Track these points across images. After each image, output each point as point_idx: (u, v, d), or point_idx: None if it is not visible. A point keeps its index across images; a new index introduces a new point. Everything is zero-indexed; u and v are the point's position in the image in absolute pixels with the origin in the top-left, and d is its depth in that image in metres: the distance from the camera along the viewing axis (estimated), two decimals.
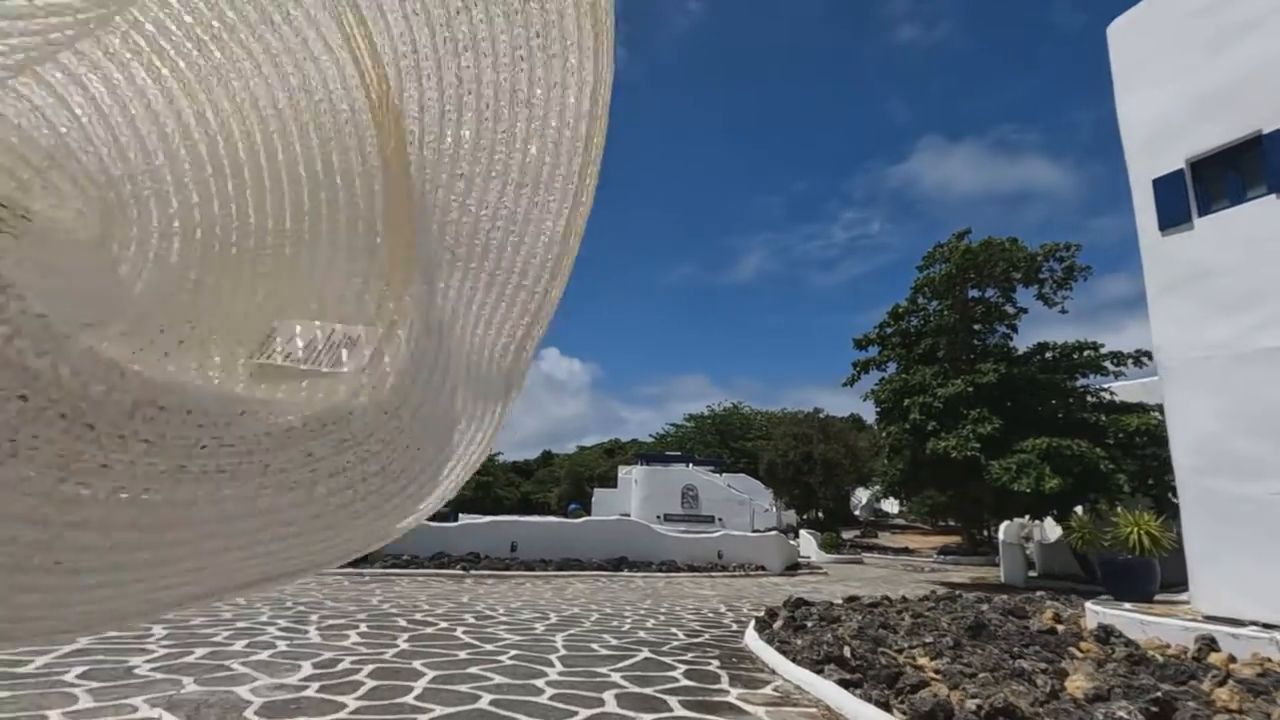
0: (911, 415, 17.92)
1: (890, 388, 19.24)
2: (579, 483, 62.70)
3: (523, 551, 16.15)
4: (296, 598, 8.74)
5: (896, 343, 20.49)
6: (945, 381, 18.29)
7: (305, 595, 9.03)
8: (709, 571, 17.84)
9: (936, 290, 19.16)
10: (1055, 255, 18.23)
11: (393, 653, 5.58)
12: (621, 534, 17.91)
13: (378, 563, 12.73)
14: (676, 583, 15.09)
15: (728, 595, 12.82)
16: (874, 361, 20.99)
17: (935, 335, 19.42)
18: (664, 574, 16.52)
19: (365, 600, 8.84)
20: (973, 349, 19.34)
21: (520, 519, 17.83)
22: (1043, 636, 7.03)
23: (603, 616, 8.63)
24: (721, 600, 11.76)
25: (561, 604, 9.77)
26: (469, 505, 61.51)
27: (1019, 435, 17.19)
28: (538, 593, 11.13)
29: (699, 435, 60.20)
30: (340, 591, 9.65)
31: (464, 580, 12.57)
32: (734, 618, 9.38)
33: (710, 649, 6.67)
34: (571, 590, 11.89)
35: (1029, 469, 15.68)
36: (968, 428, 17.13)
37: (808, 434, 36.94)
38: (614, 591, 12.15)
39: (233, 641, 5.73)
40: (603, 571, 15.66)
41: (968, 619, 7.45)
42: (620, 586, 13.32)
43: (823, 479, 35.91)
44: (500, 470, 77.77)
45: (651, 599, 11.28)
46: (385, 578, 11.76)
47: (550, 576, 14.26)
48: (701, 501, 42.16)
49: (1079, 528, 11.02)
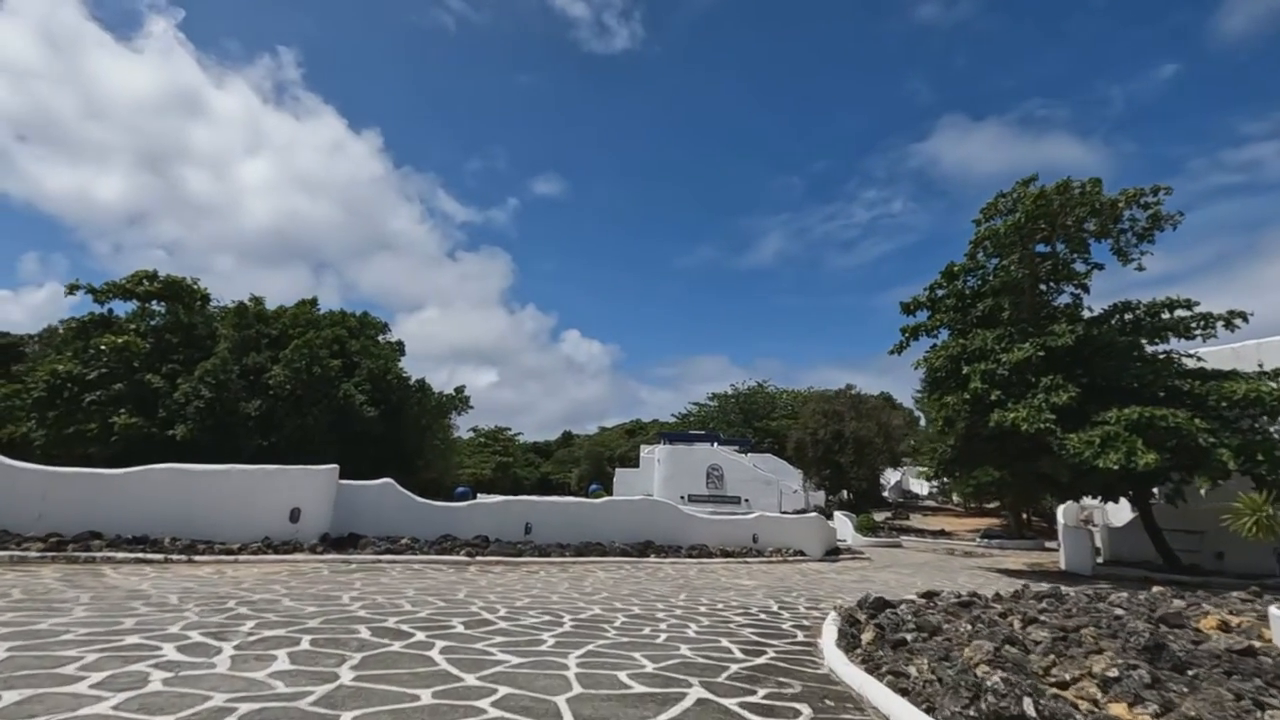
0: (972, 384, 15.71)
1: (946, 354, 17.02)
2: (599, 463, 61.07)
3: (538, 534, 14.34)
4: (250, 593, 6.94)
5: (951, 305, 18.22)
6: (1010, 346, 16.05)
7: (264, 590, 7.24)
8: (743, 557, 15.92)
9: (1000, 244, 16.82)
10: (1139, 201, 15.80)
11: (320, 694, 3.70)
12: (647, 515, 16.02)
13: (369, 548, 10.95)
14: (710, 570, 13.17)
15: (773, 587, 10.87)
16: (924, 327, 18.74)
17: (998, 295, 17.12)
18: (695, 560, 14.61)
19: (333, 598, 6.99)
20: (1041, 310, 17.03)
21: (536, 499, 15.99)
22: (1243, 660, 4.99)
23: (630, 621, 6.71)
24: (768, 593, 9.82)
25: (579, 601, 7.88)
26: (488, 486, 60.24)
27: (1097, 405, 14.96)
28: (551, 585, 9.26)
29: (722, 414, 58.08)
30: (312, 584, 7.84)
31: (468, 568, 10.75)
32: (793, 620, 7.42)
33: (784, 677, 4.71)
34: (591, 581, 10.02)
35: (1116, 442, 13.44)
36: (1039, 397, 14.92)
37: (839, 411, 34.71)
38: (641, 582, 10.26)
39: (89, 672, 3.89)
40: (626, 557, 13.79)
41: (1132, 633, 5.40)
42: (647, 575, 11.43)
43: (854, 458, 33.72)
44: (520, 450, 76.47)
45: (686, 592, 9.36)
46: (374, 566, 9.96)
47: (567, 563, 12.42)
48: (727, 481, 40.14)
49: (1251, 509, 8.66)
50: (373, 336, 26.38)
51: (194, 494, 10.32)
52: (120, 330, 22.29)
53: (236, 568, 8.94)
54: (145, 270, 25.13)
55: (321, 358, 21.34)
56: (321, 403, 21.36)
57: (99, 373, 21.27)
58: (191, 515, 10.17)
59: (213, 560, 9.19)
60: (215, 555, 9.35)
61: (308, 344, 21.65)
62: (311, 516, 10.98)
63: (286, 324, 23.81)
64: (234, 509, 10.41)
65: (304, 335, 22.29)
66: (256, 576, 8.26)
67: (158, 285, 24.75)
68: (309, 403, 21.15)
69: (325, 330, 23.30)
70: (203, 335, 23.46)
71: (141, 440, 19.28)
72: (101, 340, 21.50)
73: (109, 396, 20.89)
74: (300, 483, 11.04)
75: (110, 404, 20.79)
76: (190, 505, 10.22)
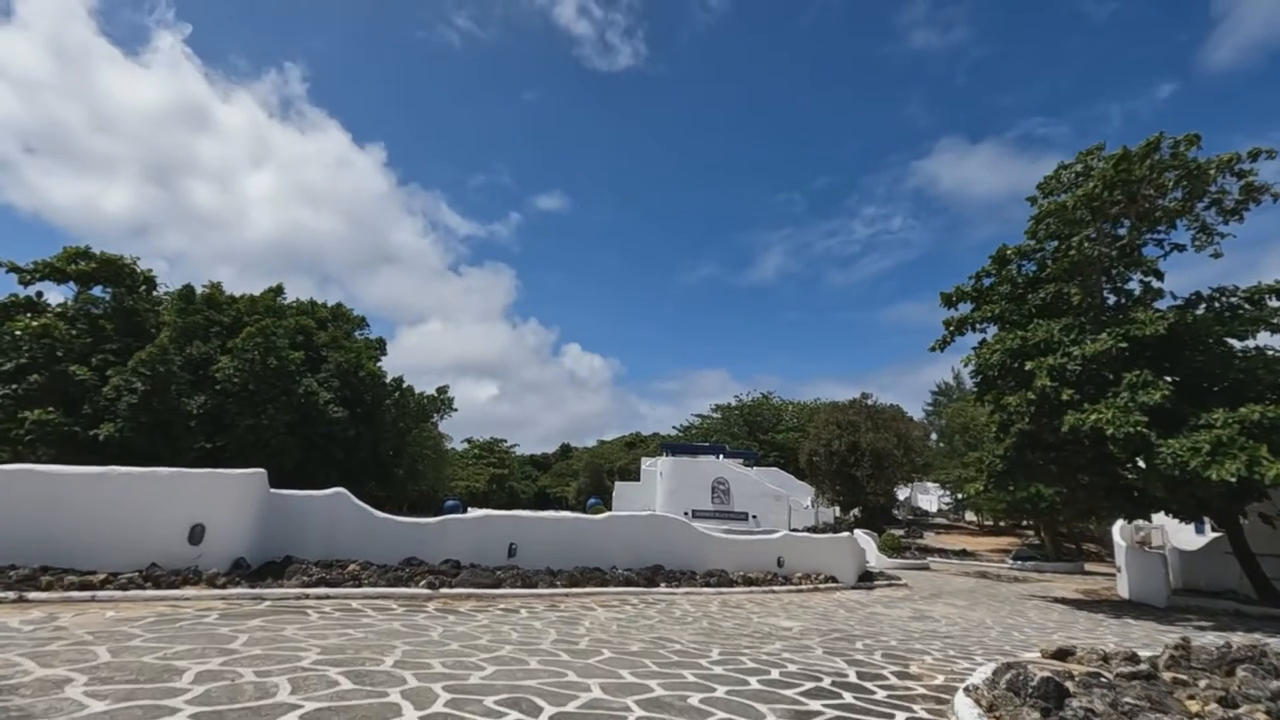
0: (1039, 381, 13.09)
1: (1002, 348, 14.42)
2: (598, 476, 58.10)
3: (524, 557, 11.63)
4: (36, 667, 4.28)
5: (1004, 294, 15.66)
6: (1081, 338, 13.48)
7: (68, 659, 4.58)
8: (768, 585, 13.20)
9: (1067, 221, 14.29)
10: (1232, 167, 13.31)
11: None
12: (655, 534, 13.31)
13: (297, 577, 8.21)
14: (735, 605, 10.47)
15: (823, 631, 8.18)
16: (969, 320, 16.18)
17: (1063, 279, 14.57)
18: (714, 589, 11.90)
19: (172, 672, 4.30)
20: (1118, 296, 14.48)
21: (522, 514, 13.26)
22: None
23: (649, 716, 4.05)
24: (824, 643, 7.14)
25: (569, 669, 5.18)
26: (482, 500, 57.23)
27: (1192, 405, 12.38)
28: (532, 636, 6.57)
29: (726, 427, 55.15)
30: (169, 642, 5.15)
31: (425, 606, 8.04)
32: (888, 694, 4.77)
33: None
34: (587, 625, 7.33)
35: (1232, 449, 10.82)
36: (1123, 396, 12.32)
37: (854, 421, 31.96)
38: (654, 628, 7.57)
39: None
40: (631, 587, 11.07)
41: None
42: (660, 615, 8.73)
43: (871, 471, 30.92)
44: (517, 463, 73.33)
45: (717, 644, 6.68)
46: (293, 606, 7.25)
47: (558, 596, 9.71)
48: (734, 496, 37.13)
49: None
50: (347, 330, 23.41)
51: (59, 505, 7.62)
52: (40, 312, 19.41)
53: (85, 610, 6.23)
54: (76, 247, 21.31)
55: (280, 348, 18.38)
56: (279, 400, 18.47)
57: (16, 363, 18.45)
58: (52, 533, 7.46)
59: (57, 599, 6.48)
60: (64, 591, 6.63)
61: (263, 332, 18.36)
62: (221, 536, 8.27)
63: (242, 310, 20.41)
64: (112, 525, 7.70)
65: (260, 323, 18.69)
66: (96, 627, 5.56)
67: (92, 265, 21.09)
68: (264, 399, 18.24)
69: (288, 319, 20.43)
70: (145, 323, 20.03)
71: (60, 440, 16.38)
72: (15, 325, 18.63)
73: (26, 390, 18.04)
74: (207, 491, 8.34)
75: (27, 399, 17.87)
76: (52, 520, 7.51)
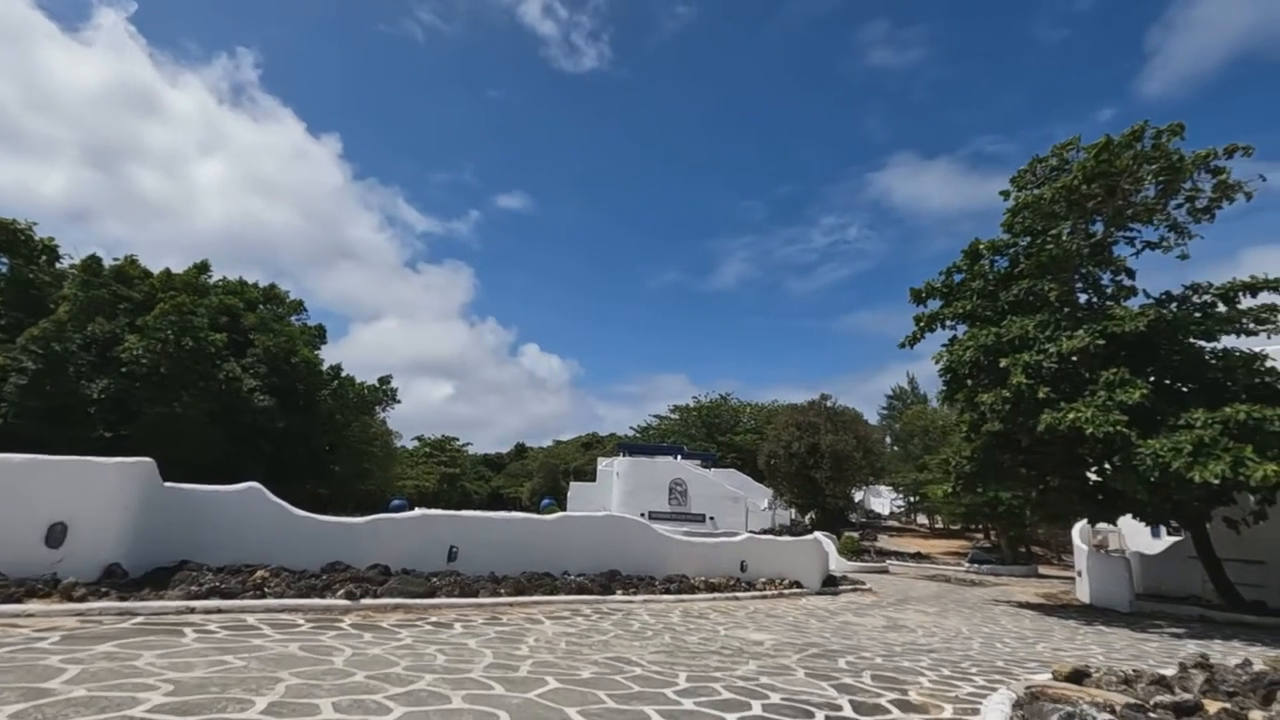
0: (1014, 379, 12.48)
1: (975, 344, 13.81)
2: (554, 477, 56.53)
3: (467, 562, 10.40)
4: None
5: (976, 290, 15.10)
6: (1057, 334, 12.95)
7: None
8: (732, 591, 12.25)
9: (1043, 214, 13.78)
10: (1207, 164, 12.97)
11: None
12: (612, 537, 12.21)
13: (183, 587, 6.82)
14: (698, 615, 9.44)
15: (798, 645, 7.21)
16: (940, 316, 15.58)
17: (1038, 275, 14.05)
18: (674, 597, 10.87)
19: None
20: (1090, 293, 14.04)
21: (466, 514, 11.96)
22: None
23: None
24: (800, 661, 6.16)
25: (497, 717, 4.03)
26: (432, 500, 55.00)
27: (1171, 405, 11.94)
28: (460, 660, 5.39)
29: (684, 428, 54.26)
30: None
31: (339, 622, 6.77)
32: None
33: None
34: (531, 644, 6.19)
35: (1215, 449, 10.32)
36: (1100, 394, 11.79)
37: (814, 422, 31.47)
38: (609, 645, 6.47)
39: None
40: (585, 596, 9.93)
41: None
42: (616, 628, 7.64)
43: (831, 473, 30.45)
44: (469, 462, 70.95)
45: (684, 666, 5.62)
46: (168, 624, 5.91)
47: (500, 607, 8.52)
48: (691, 498, 36.23)
49: None
50: (280, 314, 21.37)
51: None
52: None
53: None
54: None
55: (198, 328, 16.48)
56: (196, 386, 16.60)
57: None
58: None
59: None
60: None
61: (178, 309, 16.24)
62: (89, 537, 6.83)
63: (157, 286, 18.09)
64: None
65: (175, 299, 16.62)
66: None
67: None
68: (178, 384, 16.34)
69: (211, 298, 18.47)
70: (45, 297, 17.67)
71: None
72: None
73: None
74: (72, 483, 6.88)
75: None
76: None
